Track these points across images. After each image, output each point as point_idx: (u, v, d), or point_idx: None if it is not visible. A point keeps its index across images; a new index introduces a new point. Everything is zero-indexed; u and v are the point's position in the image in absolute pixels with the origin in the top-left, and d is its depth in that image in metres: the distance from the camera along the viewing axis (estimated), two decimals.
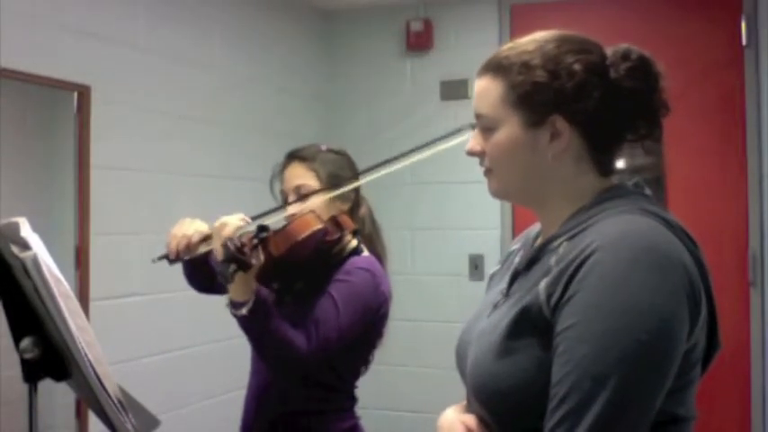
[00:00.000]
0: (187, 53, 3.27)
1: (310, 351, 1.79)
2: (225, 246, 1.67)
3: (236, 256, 1.65)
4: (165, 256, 1.92)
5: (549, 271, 1.08)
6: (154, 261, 1.93)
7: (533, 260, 1.16)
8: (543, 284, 1.07)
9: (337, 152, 2.08)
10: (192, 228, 1.92)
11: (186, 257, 1.93)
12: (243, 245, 1.67)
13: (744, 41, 3.55)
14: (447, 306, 3.96)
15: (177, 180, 3.20)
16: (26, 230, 1.36)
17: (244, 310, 1.74)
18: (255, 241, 1.72)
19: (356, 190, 2.07)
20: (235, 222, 1.76)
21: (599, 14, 3.72)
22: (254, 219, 1.80)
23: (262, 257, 1.76)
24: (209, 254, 1.95)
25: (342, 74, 4.23)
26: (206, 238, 1.89)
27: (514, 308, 1.11)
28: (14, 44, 2.49)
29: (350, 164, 2.09)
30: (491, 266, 3.79)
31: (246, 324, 1.78)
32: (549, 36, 1.18)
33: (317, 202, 1.97)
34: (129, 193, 2.97)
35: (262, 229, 1.74)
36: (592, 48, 1.17)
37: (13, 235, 1.36)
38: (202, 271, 2.07)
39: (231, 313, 1.78)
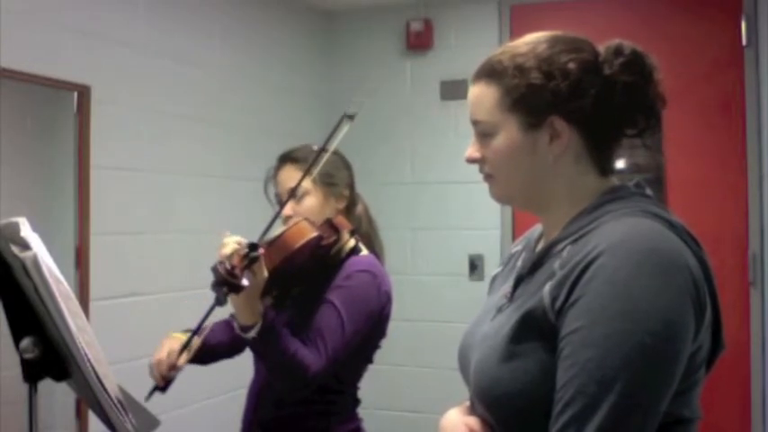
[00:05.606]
0: (187, 53, 3.27)
1: (320, 369, 1.78)
2: (215, 269, 1.64)
3: (226, 279, 1.62)
4: (155, 388, 1.85)
5: (554, 275, 1.07)
6: (146, 399, 1.78)
7: (537, 264, 1.15)
8: (547, 288, 1.06)
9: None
10: (164, 350, 1.87)
11: (175, 375, 1.86)
12: (233, 267, 1.64)
13: (744, 41, 3.55)
14: (447, 306, 3.96)
15: (177, 180, 3.20)
16: (26, 230, 1.36)
17: (252, 333, 1.73)
18: (246, 262, 1.68)
19: (352, 189, 2.07)
20: (231, 245, 1.71)
21: (599, 15, 3.72)
22: (255, 242, 1.74)
23: (257, 277, 1.72)
24: (205, 340, 1.93)
25: (342, 74, 4.23)
26: (182, 350, 1.83)
27: (518, 312, 1.10)
28: (14, 44, 2.49)
29: (343, 162, 2.08)
30: (491, 267, 3.83)
31: (255, 346, 1.77)
32: (540, 37, 1.18)
33: (312, 203, 1.97)
34: (129, 193, 2.97)
35: (253, 248, 1.69)
36: (584, 46, 1.17)
37: (13, 235, 1.35)
38: (213, 352, 2.08)
39: (241, 336, 1.76)
